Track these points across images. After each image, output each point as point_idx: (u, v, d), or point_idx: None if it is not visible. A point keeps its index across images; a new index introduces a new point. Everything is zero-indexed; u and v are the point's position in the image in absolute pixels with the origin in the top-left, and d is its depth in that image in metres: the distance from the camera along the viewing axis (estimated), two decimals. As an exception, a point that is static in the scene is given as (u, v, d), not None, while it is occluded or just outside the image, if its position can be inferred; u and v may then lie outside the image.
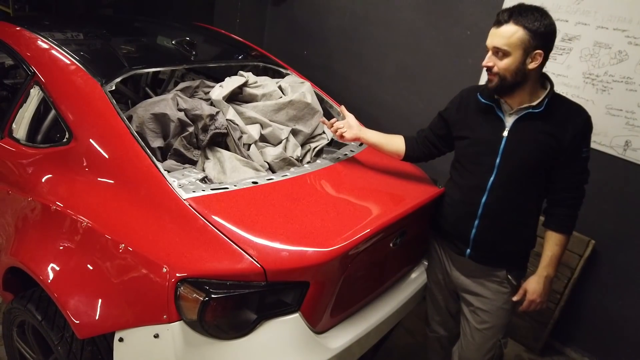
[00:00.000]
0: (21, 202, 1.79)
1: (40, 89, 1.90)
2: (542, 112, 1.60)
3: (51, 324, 1.61)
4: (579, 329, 2.82)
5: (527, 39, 1.51)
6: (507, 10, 1.54)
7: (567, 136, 1.57)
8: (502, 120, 1.66)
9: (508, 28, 1.52)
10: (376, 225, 1.57)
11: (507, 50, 1.53)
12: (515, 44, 1.52)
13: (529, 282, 1.73)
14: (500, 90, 1.61)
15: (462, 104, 1.81)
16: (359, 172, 2.02)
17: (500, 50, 1.54)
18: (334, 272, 1.53)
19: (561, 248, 1.71)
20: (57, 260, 1.59)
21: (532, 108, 1.61)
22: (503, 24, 1.53)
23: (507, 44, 1.52)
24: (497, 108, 1.68)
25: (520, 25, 1.51)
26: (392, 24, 3.38)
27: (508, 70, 1.55)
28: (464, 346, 1.89)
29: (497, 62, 1.56)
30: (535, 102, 1.61)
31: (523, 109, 1.62)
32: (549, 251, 1.71)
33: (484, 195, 1.70)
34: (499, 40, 1.54)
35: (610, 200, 2.57)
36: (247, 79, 2.23)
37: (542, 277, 1.71)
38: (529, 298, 1.72)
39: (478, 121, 1.72)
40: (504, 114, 1.66)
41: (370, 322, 1.75)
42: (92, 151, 1.72)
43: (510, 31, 1.51)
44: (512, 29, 1.51)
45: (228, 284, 1.37)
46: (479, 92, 1.75)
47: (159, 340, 1.39)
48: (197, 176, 1.70)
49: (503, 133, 1.65)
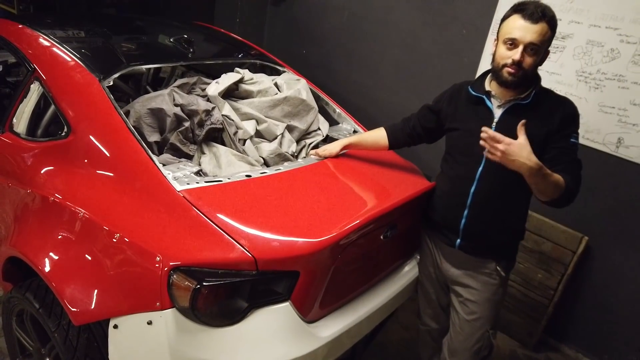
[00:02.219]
0: (21, 194, 1.84)
1: (40, 85, 1.94)
2: (529, 104, 1.64)
3: (48, 312, 1.65)
4: (573, 325, 2.84)
5: (552, 39, 1.58)
6: (538, 6, 1.55)
7: (554, 123, 1.61)
8: (491, 112, 1.70)
9: (543, 26, 1.54)
10: (365, 217, 1.61)
11: (539, 48, 1.57)
12: (546, 42, 1.57)
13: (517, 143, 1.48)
14: (519, 84, 1.63)
15: (453, 97, 1.84)
16: (351, 166, 2.05)
17: (534, 47, 1.56)
18: (324, 263, 1.56)
19: (552, 177, 1.52)
20: (55, 250, 1.63)
21: (520, 100, 1.65)
22: (539, 21, 1.54)
23: (542, 42, 1.56)
24: (487, 99, 1.72)
25: (549, 24, 1.55)
26: (390, 23, 3.42)
27: (533, 65, 1.59)
28: (453, 337, 1.92)
29: (526, 58, 1.57)
30: (524, 94, 1.65)
31: (511, 100, 1.66)
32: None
33: (472, 184, 1.73)
34: (536, 37, 1.54)
35: (603, 197, 2.60)
36: (243, 76, 2.27)
37: (532, 156, 1.47)
38: (505, 140, 1.46)
39: (468, 113, 1.76)
40: (493, 106, 1.70)
41: (361, 313, 1.78)
42: (90, 145, 1.77)
43: (544, 29, 1.55)
44: (545, 27, 1.55)
45: (220, 272, 1.40)
46: (469, 85, 1.79)
47: (152, 327, 1.42)
48: (191, 169, 1.74)
49: (492, 124, 1.68)
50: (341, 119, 2.60)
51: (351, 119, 2.57)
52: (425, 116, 1.96)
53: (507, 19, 1.61)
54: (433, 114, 1.92)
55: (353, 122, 2.55)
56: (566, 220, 2.71)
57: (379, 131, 2.08)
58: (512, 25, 1.58)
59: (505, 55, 1.59)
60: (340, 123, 2.59)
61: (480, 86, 1.77)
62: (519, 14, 1.57)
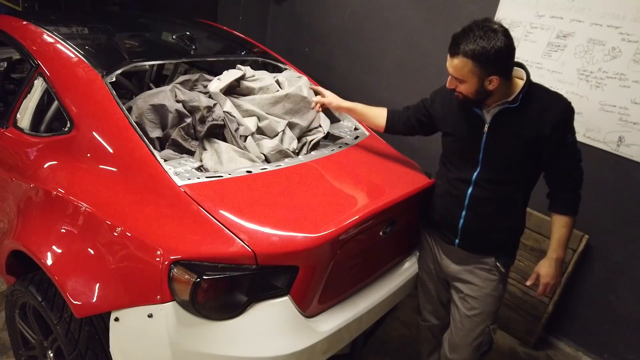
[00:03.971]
0: (24, 188, 1.85)
1: (44, 80, 1.96)
2: (517, 107, 1.63)
3: (51, 305, 1.67)
4: (573, 323, 2.85)
5: (477, 70, 1.54)
6: (455, 39, 1.55)
7: (546, 126, 1.60)
8: (481, 117, 1.69)
9: (458, 61, 1.55)
10: (364, 213, 1.62)
11: (462, 79, 1.58)
12: (467, 74, 1.56)
13: (541, 266, 1.75)
14: (471, 104, 1.67)
15: (446, 99, 1.85)
16: (351, 163, 2.07)
17: (456, 79, 1.60)
18: (323, 258, 1.58)
19: (568, 229, 1.72)
20: (58, 243, 1.65)
21: (508, 103, 1.64)
22: (454, 56, 1.55)
23: (461, 75, 1.57)
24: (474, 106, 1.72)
25: (469, 57, 1.52)
26: (391, 22, 3.43)
27: (469, 92, 1.61)
28: (454, 332, 1.93)
29: (458, 85, 1.62)
30: (511, 97, 1.64)
31: (500, 104, 1.66)
32: (557, 234, 1.72)
33: (469, 187, 1.75)
34: (453, 71, 1.59)
35: (604, 196, 2.60)
36: (244, 73, 2.28)
37: (552, 260, 1.73)
38: (543, 281, 1.74)
39: (460, 118, 1.77)
40: (482, 111, 1.70)
41: (360, 308, 1.79)
42: (93, 140, 1.78)
43: (460, 64, 1.55)
44: (461, 62, 1.54)
45: (219, 266, 1.42)
46: None
47: (153, 320, 1.44)
48: (193, 165, 1.76)
49: (483, 129, 1.68)
50: (342, 116, 2.61)
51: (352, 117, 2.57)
52: (420, 110, 1.98)
53: None
54: (427, 110, 1.95)
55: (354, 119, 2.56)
56: (567, 218, 2.71)
57: (381, 110, 2.12)
58: None
59: None
60: (341, 120, 2.60)
61: None
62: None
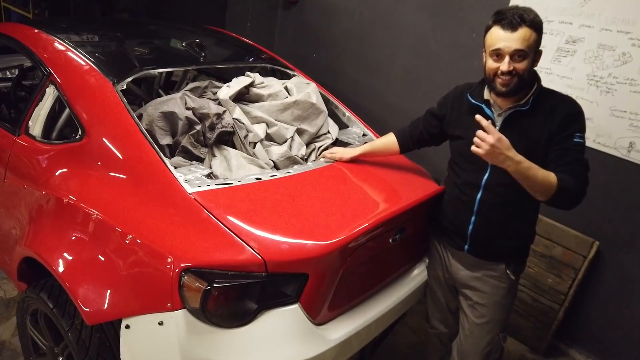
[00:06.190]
0: (36, 195, 1.87)
1: (55, 88, 1.98)
2: (529, 109, 1.63)
3: (62, 312, 1.68)
4: (583, 331, 2.82)
5: (539, 40, 1.57)
6: (515, 12, 1.55)
7: (554, 123, 1.60)
8: (493, 120, 1.69)
9: (524, 31, 1.54)
10: (374, 220, 1.62)
11: (527, 52, 1.56)
12: (532, 45, 1.56)
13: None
14: (516, 91, 1.62)
15: (456, 102, 1.85)
16: (360, 169, 2.06)
17: (521, 53, 1.56)
18: (333, 265, 1.58)
19: (543, 176, 1.50)
20: (69, 250, 1.66)
21: (519, 106, 1.64)
22: (518, 28, 1.54)
23: (527, 47, 1.55)
24: (486, 108, 1.71)
25: (533, 27, 1.54)
26: (400, 27, 3.43)
27: (527, 70, 1.58)
28: (463, 340, 1.92)
29: (517, 64, 1.58)
30: (523, 100, 1.64)
31: (511, 108, 1.66)
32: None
33: (479, 192, 1.74)
34: (520, 44, 1.55)
35: (615, 202, 2.58)
36: (253, 80, 2.30)
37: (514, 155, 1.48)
38: (489, 141, 1.45)
39: (471, 121, 1.75)
40: (494, 114, 1.70)
41: (370, 315, 1.79)
42: (104, 147, 1.80)
43: (527, 34, 1.54)
44: (527, 32, 1.54)
45: (230, 274, 1.42)
46: (469, 93, 1.79)
47: (163, 328, 1.44)
48: (203, 172, 1.76)
49: None
50: (351, 123, 2.61)
51: (361, 123, 2.58)
52: (429, 122, 1.98)
53: (489, 30, 1.61)
54: (436, 119, 1.94)
55: (362, 125, 2.57)
56: (577, 224, 2.69)
57: (388, 137, 2.10)
58: (494, 37, 1.58)
59: (494, 67, 1.60)
60: (349, 126, 2.60)
61: (479, 94, 1.76)
62: (498, 25, 1.57)
